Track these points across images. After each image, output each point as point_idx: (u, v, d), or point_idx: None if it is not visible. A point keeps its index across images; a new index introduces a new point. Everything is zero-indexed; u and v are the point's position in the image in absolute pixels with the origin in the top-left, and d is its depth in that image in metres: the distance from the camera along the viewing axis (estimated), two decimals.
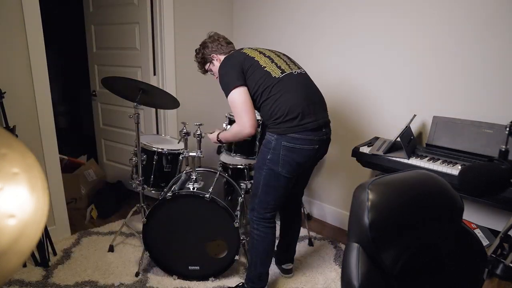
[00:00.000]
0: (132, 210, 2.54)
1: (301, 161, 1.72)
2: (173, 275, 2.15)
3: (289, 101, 1.68)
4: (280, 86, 1.71)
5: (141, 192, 2.39)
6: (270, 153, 1.71)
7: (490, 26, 1.95)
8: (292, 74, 1.77)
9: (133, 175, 2.39)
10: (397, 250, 0.88)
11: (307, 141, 1.69)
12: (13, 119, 2.18)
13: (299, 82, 1.77)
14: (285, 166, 1.71)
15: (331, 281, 2.20)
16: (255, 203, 1.82)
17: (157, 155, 2.37)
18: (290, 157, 1.69)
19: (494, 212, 2.07)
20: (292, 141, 1.67)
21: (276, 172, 1.72)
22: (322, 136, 1.75)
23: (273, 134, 1.71)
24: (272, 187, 1.76)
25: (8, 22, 2.11)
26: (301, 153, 1.70)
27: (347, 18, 2.55)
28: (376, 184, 0.89)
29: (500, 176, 0.90)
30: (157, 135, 2.94)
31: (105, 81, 2.16)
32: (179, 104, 2.26)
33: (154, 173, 2.39)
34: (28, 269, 2.20)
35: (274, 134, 1.71)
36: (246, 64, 1.76)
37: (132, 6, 2.90)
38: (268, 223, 1.83)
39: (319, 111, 1.77)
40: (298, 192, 2.11)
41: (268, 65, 1.77)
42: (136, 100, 2.17)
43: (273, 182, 1.75)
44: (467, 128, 2.02)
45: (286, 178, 1.74)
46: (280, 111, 1.68)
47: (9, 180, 0.42)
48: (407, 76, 2.33)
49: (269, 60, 1.80)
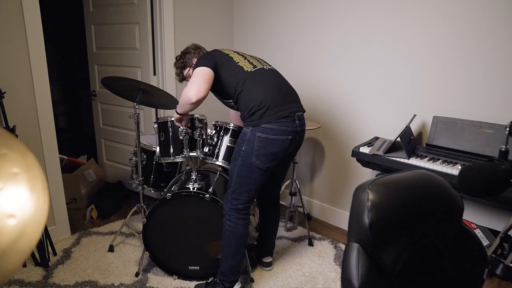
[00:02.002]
0: (132, 210, 2.54)
1: (275, 151, 1.78)
2: (173, 275, 2.15)
3: (262, 92, 1.79)
4: (252, 79, 1.82)
5: (141, 192, 2.39)
6: (245, 144, 1.78)
7: (490, 26, 1.95)
8: (263, 69, 1.90)
9: (133, 175, 2.39)
10: (397, 250, 0.88)
11: (281, 131, 1.76)
12: (13, 119, 2.18)
13: (271, 76, 1.89)
14: (259, 157, 1.77)
15: (331, 281, 2.20)
16: (229, 193, 1.87)
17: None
18: (264, 148, 1.75)
19: (494, 212, 2.07)
20: (266, 131, 1.74)
21: (250, 163, 1.78)
22: (296, 127, 1.81)
23: (248, 126, 1.78)
24: (245, 178, 1.81)
25: (8, 22, 2.11)
26: (275, 143, 1.76)
27: (346, 18, 2.55)
28: (376, 184, 0.89)
29: (500, 176, 0.90)
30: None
31: (105, 81, 2.16)
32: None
33: (154, 173, 2.39)
34: (28, 269, 2.20)
35: (249, 126, 1.78)
36: (218, 58, 1.88)
37: (132, 6, 2.90)
38: (240, 214, 1.86)
39: (292, 101, 1.86)
40: (274, 186, 2.16)
41: (241, 61, 1.90)
42: (136, 100, 2.17)
43: (247, 173, 1.81)
44: (467, 128, 2.02)
45: (259, 169, 1.80)
46: (253, 101, 1.77)
47: (9, 180, 0.42)
48: (407, 76, 2.33)
49: (242, 57, 1.93)
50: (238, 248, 1.89)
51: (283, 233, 2.73)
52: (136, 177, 2.35)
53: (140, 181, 2.33)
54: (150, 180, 2.40)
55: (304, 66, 2.89)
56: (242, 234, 1.88)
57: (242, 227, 1.87)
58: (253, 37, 3.21)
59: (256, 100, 1.76)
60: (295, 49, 2.91)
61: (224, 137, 2.10)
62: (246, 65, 1.88)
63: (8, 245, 0.38)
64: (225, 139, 2.10)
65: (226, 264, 1.91)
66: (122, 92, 2.26)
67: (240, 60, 1.90)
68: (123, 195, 3.23)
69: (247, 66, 1.87)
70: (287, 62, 3.00)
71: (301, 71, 2.92)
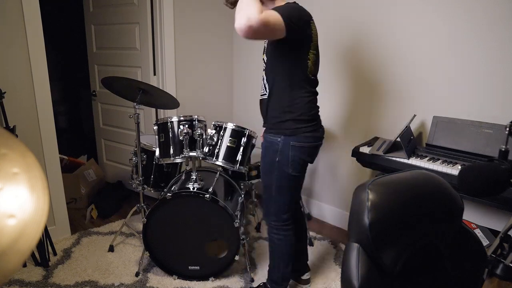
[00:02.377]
0: (132, 210, 2.54)
1: (309, 159, 1.77)
2: (173, 275, 2.15)
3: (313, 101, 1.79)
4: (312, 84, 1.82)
5: (141, 192, 2.39)
6: (278, 155, 1.71)
7: (490, 26, 1.95)
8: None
9: (133, 175, 2.39)
10: (397, 250, 0.88)
11: (316, 138, 1.75)
12: (13, 119, 2.18)
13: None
14: (295, 166, 1.72)
15: (331, 281, 2.20)
16: (270, 206, 1.82)
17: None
18: (299, 157, 1.71)
19: (494, 212, 2.07)
20: (302, 140, 1.70)
21: (287, 173, 1.73)
22: (323, 133, 1.82)
23: (278, 135, 1.70)
24: (285, 188, 1.77)
25: (8, 22, 2.11)
26: (308, 151, 1.74)
27: (345, 16, 2.55)
28: (376, 184, 0.89)
29: (500, 176, 0.90)
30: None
31: (105, 81, 2.16)
32: (179, 104, 2.26)
33: (154, 173, 2.39)
34: (28, 269, 2.20)
35: (280, 135, 1.70)
36: (307, 28, 1.68)
37: (132, 6, 2.90)
38: (286, 225, 1.83)
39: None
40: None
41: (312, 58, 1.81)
42: (136, 100, 2.18)
43: (285, 183, 1.76)
44: (467, 128, 2.02)
45: (296, 177, 1.77)
46: (306, 108, 1.71)
47: (9, 180, 0.42)
48: (407, 76, 2.33)
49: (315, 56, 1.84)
50: (289, 257, 1.88)
51: None
52: (136, 177, 2.35)
53: (140, 181, 2.33)
54: (150, 180, 2.40)
55: None
56: (291, 243, 1.86)
57: (290, 237, 1.85)
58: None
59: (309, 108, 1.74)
60: None
61: (224, 137, 2.10)
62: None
63: (8, 245, 0.38)
64: (225, 139, 2.10)
65: (279, 273, 1.91)
66: (122, 92, 2.26)
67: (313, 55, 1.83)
68: (123, 195, 3.22)
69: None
70: None
71: None
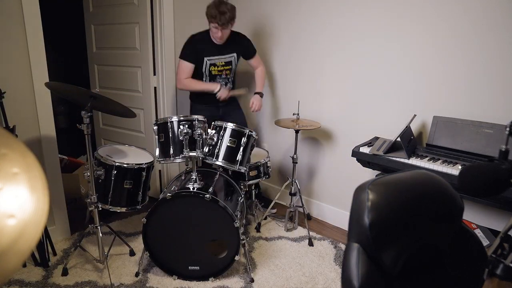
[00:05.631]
0: (85, 231, 2.26)
1: None
2: (173, 275, 2.15)
3: None
4: None
5: (95, 211, 2.11)
6: None
7: (490, 26, 1.95)
8: None
9: (89, 191, 2.11)
10: (397, 250, 0.87)
11: None
12: (13, 119, 2.18)
13: None
14: None
15: (331, 281, 2.20)
16: None
17: (115, 169, 2.15)
18: None
19: (494, 212, 2.07)
20: None
21: None
22: None
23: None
24: None
25: (8, 22, 2.11)
26: None
27: (346, 17, 2.55)
28: (376, 184, 0.89)
29: (500, 176, 0.89)
30: (123, 145, 2.59)
31: (49, 86, 2.01)
32: (135, 115, 2.15)
33: (113, 190, 2.16)
34: (28, 269, 2.19)
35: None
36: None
37: (132, 6, 2.90)
38: None
39: None
40: None
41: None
42: (86, 107, 1.92)
43: None
44: (467, 128, 2.02)
45: None
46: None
47: (9, 180, 0.42)
48: (407, 76, 2.33)
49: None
50: None
51: (283, 233, 2.73)
52: (91, 194, 2.07)
53: (93, 198, 2.08)
54: (108, 198, 2.18)
55: (304, 66, 2.88)
56: None
57: None
58: (253, 37, 3.21)
59: None
60: (295, 49, 2.91)
61: (224, 137, 2.10)
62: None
63: (8, 245, 0.38)
64: (225, 139, 2.10)
65: None
66: (72, 97, 2.07)
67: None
68: None
69: None
70: (287, 61, 3.00)
71: (301, 71, 2.92)
